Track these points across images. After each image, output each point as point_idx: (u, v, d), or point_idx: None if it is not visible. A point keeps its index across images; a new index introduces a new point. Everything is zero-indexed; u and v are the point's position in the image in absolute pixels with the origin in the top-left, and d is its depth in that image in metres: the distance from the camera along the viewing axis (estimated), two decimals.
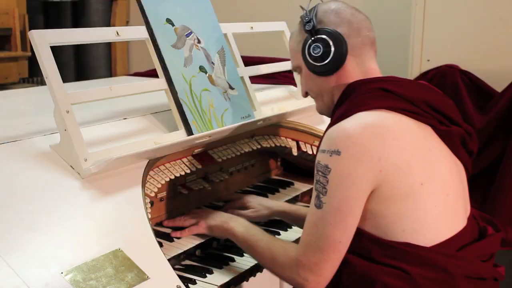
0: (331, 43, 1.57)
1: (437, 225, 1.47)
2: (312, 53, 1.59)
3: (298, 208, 2.00)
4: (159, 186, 1.75)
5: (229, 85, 2.02)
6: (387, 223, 1.45)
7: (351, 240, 1.45)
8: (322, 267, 1.45)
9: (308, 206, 1.50)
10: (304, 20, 1.62)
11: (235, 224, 1.72)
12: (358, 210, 1.44)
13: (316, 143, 2.32)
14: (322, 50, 1.58)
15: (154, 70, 1.87)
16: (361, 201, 1.44)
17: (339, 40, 1.57)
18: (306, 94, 1.73)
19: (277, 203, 2.04)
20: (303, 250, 1.48)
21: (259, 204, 2.00)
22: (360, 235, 1.47)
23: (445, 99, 1.61)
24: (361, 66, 1.61)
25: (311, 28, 1.59)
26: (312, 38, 1.59)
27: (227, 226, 1.73)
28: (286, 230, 2.04)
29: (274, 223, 2.07)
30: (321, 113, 1.73)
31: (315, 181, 1.47)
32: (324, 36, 1.58)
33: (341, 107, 1.57)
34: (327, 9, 1.62)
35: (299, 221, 1.95)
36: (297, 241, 1.97)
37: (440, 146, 1.54)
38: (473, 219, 1.60)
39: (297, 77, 2.45)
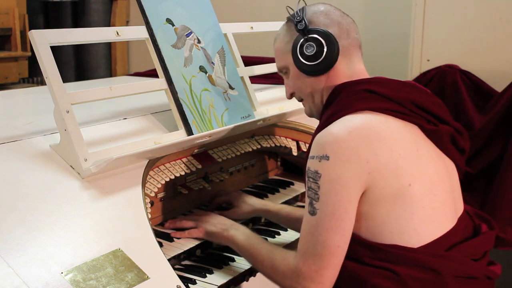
0: (324, 42, 1.58)
1: (425, 226, 1.47)
2: (305, 52, 1.59)
3: (282, 207, 2.00)
4: (159, 186, 1.75)
5: (229, 85, 2.02)
6: (375, 225, 1.46)
7: (348, 243, 1.45)
8: (322, 274, 1.45)
9: (297, 205, 1.47)
10: (295, 20, 1.62)
11: (236, 232, 1.72)
12: (352, 213, 1.44)
13: None
14: (315, 50, 1.58)
15: (154, 70, 1.87)
16: (354, 204, 1.44)
17: (332, 40, 1.58)
18: (291, 96, 1.73)
19: (260, 201, 2.03)
20: (302, 259, 1.47)
21: (242, 202, 2.01)
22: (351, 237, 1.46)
23: (432, 98, 1.61)
24: (350, 67, 1.62)
25: (303, 28, 1.60)
26: (305, 37, 1.60)
27: (227, 234, 1.73)
28: (286, 230, 2.04)
29: (274, 223, 2.08)
30: (311, 115, 1.73)
31: (306, 188, 1.48)
32: (316, 36, 1.59)
33: (327, 109, 1.58)
34: (317, 10, 1.64)
35: (282, 219, 1.98)
36: (297, 242, 1.98)
37: (427, 145, 1.54)
38: (466, 217, 1.60)
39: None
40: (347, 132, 1.44)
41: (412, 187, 1.45)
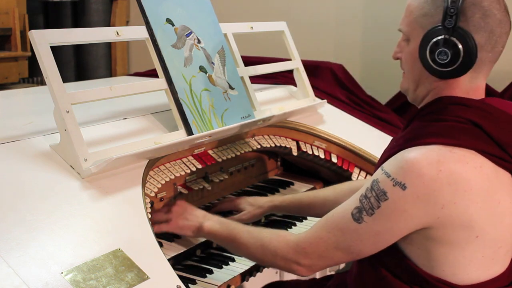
0: (461, 53, 1.37)
1: (478, 272, 1.39)
2: (435, 53, 1.39)
3: (289, 200, 1.96)
4: (159, 186, 1.75)
5: (229, 85, 2.02)
6: (429, 259, 1.39)
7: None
8: (324, 261, 1.44)
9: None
10: (445, 6, 1.37)
11: (210, 222, 1.67)
12: (396, 239, 1.38)
13: (316, 143, 2.32)
14: (448, 58, 1.38)
15: (154, 70, 1.87)
16: (405, 234, 1.37)
17: (472, 53, 1.36)
18: (396, 59, 1.54)
19: (266, 199, 2.00)
20: (312, 240, 1.44)
21: (249, 205, 1.96)
22: (398, 255, 1.42)
23: None
24: (471, 82, 1.43)
25: (451, 26, 1.36)
26: (445, 37, 1.37)
27: (201, 226, 1.67)
28: (291, 227, 2.05)
29: (274, 224, 2.08)
30: (404, 92, 1.54)
31: (363, 194, 1.39)
32: (458, 42, 1.36)
33: (423, 119, 1.44)
34: (478, 2, 1.37)
35: (293, 210, 1.96)
36: None
37: (511, 195, 1.41)
38: None
39: (298, 75, 2.45)
40: (437, 171, 1.30)
41: (479, 239, 1.35)
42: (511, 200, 1.41)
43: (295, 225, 2.09)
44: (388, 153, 1.43)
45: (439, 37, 1.38)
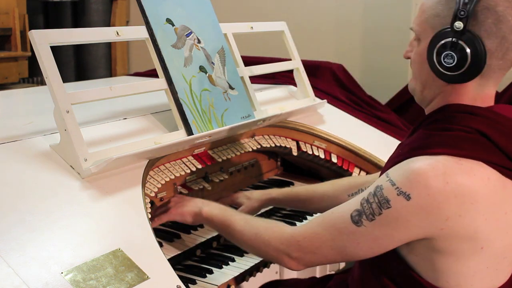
0: (469, 58, 1.32)
1: (482, 283, 1.37)
2: (441, 55, 1.35)
3: (287, 192, 1.96)
4: (159, 186, 1.75)
5: (229, 85, 2.02)
6: (433, 270, 1.36)
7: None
8: (316, 258, 1.42)
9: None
10: (458, 13, 1.32)
11: (209, 207, 1.66)
12: (394, 246, 1.36)
13: (316, 143, 2.32)
14: (454, 62, 1.34)
15: (154, 70, 1.87)
16: (404, 242, 1.34)
17: (480, 59, 1.32)
18: (407, 58, 1.49)
19: (263, 192, 1.97)
20: (307, 234, 1.42)
21: (246, 198, 1.94)
22: (402, 264, 1.39)
23: None
24: (479, 90, 1.39)
25: (460, 28, 1.32)
26: (453, 39, 1.33)
27: (200, 211, 1.67)
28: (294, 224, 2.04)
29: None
30: (411, 92, 1.50)
31: (365, 198, 1.36)
32: (466, 46, 1.32)
33: (429, 127, 1.40)
34: (492, 7, 1.32)
35: (290, 204, 1.95)
36: None
37: None
38: None
39: (298, 75, 2.45)
40: (443, 183, 1.27)
41: (484, 250, 1.32)
42: None
43: (295, 225, 2.08)
44: (393, 161, 1.40)
45: (447, 40, 1.34)
